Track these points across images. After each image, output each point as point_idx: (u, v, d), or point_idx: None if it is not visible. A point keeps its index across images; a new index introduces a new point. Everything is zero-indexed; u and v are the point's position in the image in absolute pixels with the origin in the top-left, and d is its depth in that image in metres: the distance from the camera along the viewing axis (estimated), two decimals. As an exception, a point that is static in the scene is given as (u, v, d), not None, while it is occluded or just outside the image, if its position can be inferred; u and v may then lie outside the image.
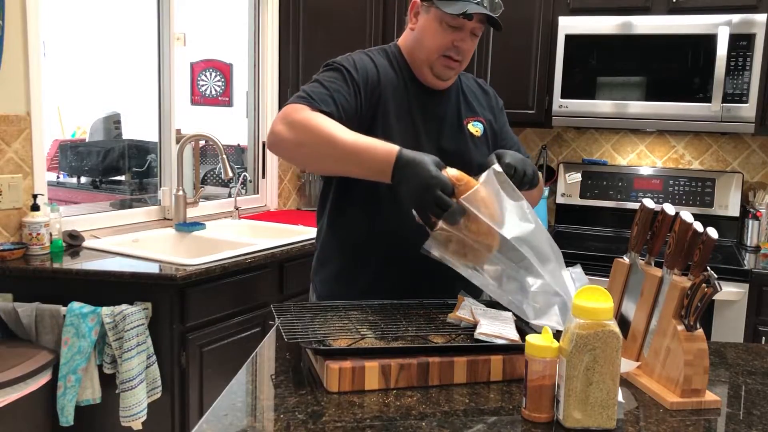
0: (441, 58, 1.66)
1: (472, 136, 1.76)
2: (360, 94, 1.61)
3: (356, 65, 1.64)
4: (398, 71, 1.72)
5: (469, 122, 1.78)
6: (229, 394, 1.28)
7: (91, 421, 2.36)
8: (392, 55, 1.74)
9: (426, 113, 1.73)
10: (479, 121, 1.79)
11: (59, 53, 5.70)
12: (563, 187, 3.48)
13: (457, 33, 1.63)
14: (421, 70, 1.71)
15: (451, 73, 1.71)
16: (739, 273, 2.70)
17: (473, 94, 1.84)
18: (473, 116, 1.79)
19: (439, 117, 1.75)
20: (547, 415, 1.18)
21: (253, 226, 3.35)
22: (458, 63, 1.68)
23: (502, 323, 1.41)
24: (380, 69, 1.68)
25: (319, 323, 1.47)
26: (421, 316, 1.54)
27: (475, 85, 1.87)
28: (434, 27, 1.64)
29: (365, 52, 1.73)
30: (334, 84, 1.58)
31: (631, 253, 1.50)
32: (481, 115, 1.80)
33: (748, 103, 2.86)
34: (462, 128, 1.76)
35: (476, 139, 1.77)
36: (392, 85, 1.69)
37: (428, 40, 1.66)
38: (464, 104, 1.79)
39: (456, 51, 1.65)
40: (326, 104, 1.53)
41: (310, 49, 3.63)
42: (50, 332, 2.29)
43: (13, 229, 2.56)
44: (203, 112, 6.15)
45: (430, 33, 1.65)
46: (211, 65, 6.18)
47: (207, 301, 2.48)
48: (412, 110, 1.71)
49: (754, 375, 1.47)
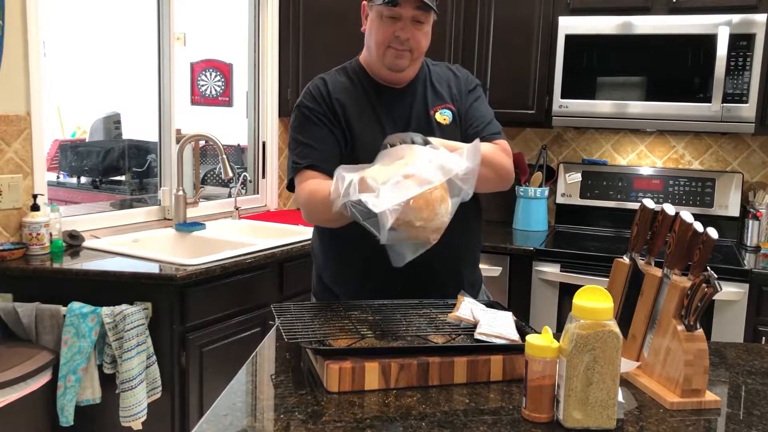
0: (388, 50, 1.72)
1: (439, 125, 1.78)
2: (324, 118, 1.74)
3: (312, 95, 1.77)
4: (356, 81, 1.81)
5: (437, 111, 1.79)
6: (229, 394, 1.28)
7: (91, 421, 2.36)
8: (350, 69, 1.84)
9: (390, 111, 1.78)
10: (447, 109, 1.80)
11: (59, 53, 5.69)
12: (563, 187, 3.48)
13: (396, 23, 1.69)
14: (379, 69, 1.78)
15: (403, 63, 1.73)
16: (739, 273, 2.70)
17: (442, 81, 1.84)
18: (441, 104, 1.80)
19: (404, 113, 1.78)
20: (547, 415, 1.18)
21: (253, 226, 3.35)
22: (408, 52, 1.71)
23: (501, 323, 1.41)
24: (331, 85, 1.78)
25: (319, 323, 1.47)
26: (421, 316, 1.54)
27: (447, 71, 1.88)
28: (376, 23, 1.72)
29: (321, 76, 1.84)
30: (303, 131, 1.75)
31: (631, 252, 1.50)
32: (449, 101, 1.82)
33: (748, 103, 2.86)
34: (429, 119, 1.78)
35: (444, 127, 1.78)
36: (348, 95, 1.78)
37: (373, 36, 1.74)
38: (432, 94, 1.81)
39: (399, 41, 1.70)
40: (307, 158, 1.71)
41: (310, 49, 3.63)
42: (50, 332, 2.29)
43: (13, 229, 2.56)
44: (203, 112, 6.15)
45: (374, 29, 1.73)
46: (211, 65, 6.18)
47: (207, 301, 2.48)
48: (376, 112, 1.77)
49: (754, 375, 1.47)
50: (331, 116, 1.74)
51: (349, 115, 1.75)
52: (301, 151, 1.74)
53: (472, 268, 1.92)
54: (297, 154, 1.75)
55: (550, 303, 2.94)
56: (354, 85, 1.80)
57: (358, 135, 1.74)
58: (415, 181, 1.33)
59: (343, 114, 1.75)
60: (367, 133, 1.74)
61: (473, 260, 1.93)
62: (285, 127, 3.88)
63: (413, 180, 1.34)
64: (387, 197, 1.31)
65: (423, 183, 1.33)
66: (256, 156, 3.82)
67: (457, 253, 1.81)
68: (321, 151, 1.72)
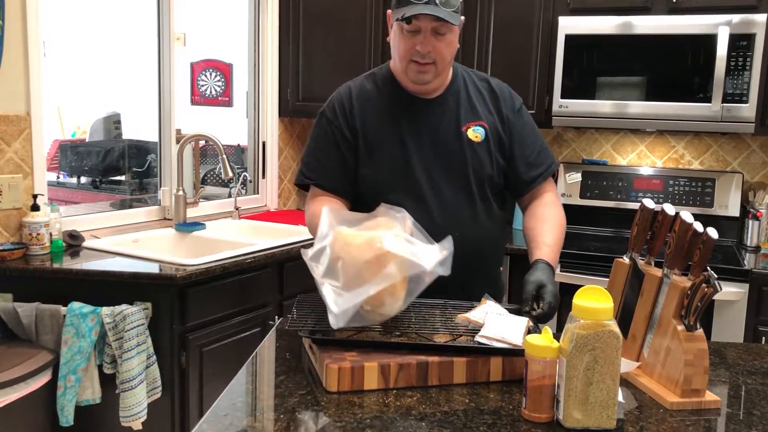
0: (411, 63, 1.69)
1: (470, 143, 1.75)
2: (339, 134, 1.77)
3: (335, 106, 1.79)
4: (383, 89, 1.79)
5: (470, 128, 1.76)
6: (229, 394, 1.28)
7: (91, 421, 2.36)
8: (379, 76, 1.83)
9: (416, 123, 1.75)
10: (481, 126, 1.77)
11: (59, 53, 5.69)
12: (563, 187, 3.48)
13: (416, 36, 1.66)
14: (404, 80, 1.76)
15: (425, 77, 1.71)
16: (739, 273, 2.70)
17: (480, 96, 1.81)
18: (475, 121, 1.77)
19: (431, 124, 1.76)
20: (547, 415, 1.18)
21: (253, 226, 3.35)
22: (430, 65, 1.69)
23: (509, 328, 1.40)
24: (356, 95, 1.79)
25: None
26: (437, 315, 1.53)
27: (486, 85, 1.84)
28: (398, 35, 1.70)
29: (348, 84, 1.84)
30: (318, 143, 1.81)
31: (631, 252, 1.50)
32: (484, 119, 1.78)
33: (748, 103, 2.86)
34: (460, 135, 1.75)
35: (475, 145, 1.76)
36: (373, 105, 1.77)
37: (397, 49, 1.72)
38: (466, 109, 1.78)
39: (420, 55, 1.66)
40: (315, 172, 1.79)
41: (310, 49, 3.63)
42: (50, 332, 2.29)
43: (13, 229, 2.56)
44: (203, 112, 6.15)
45: (396, 42, 1.71)
46: (211, 65, 6.17)
47: (207, 301, 2.48)
48: (398, 121, 1.75)
49: (754, 375, 1.47)
50: (348, 133, 1.76)
51: (369, 126, 1.75)
52: (311, 162, 1.81)
53: (496, 275, 1.93)
54: (307, 164, 1.81)
55: (550, 303, 2.94)
56: (380, 93, 1.79)
57: (376, 143, 1.75)
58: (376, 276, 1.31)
59: (361, 127, 1.75)
60: (386, 142, 1.74)
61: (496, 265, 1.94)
62: (285, 127, 3.89)
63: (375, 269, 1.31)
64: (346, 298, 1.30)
65: (383, 279, 1.30)
66: (256, 156, 3.82)
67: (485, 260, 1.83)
68: (330, 170, 1.77)
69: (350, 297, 1.29)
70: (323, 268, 1.35)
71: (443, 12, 1.61)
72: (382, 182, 1.75)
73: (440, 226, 1.64)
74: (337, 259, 1.34)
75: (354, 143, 1.76)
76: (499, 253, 1.95)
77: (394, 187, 1.73)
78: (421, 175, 1.74)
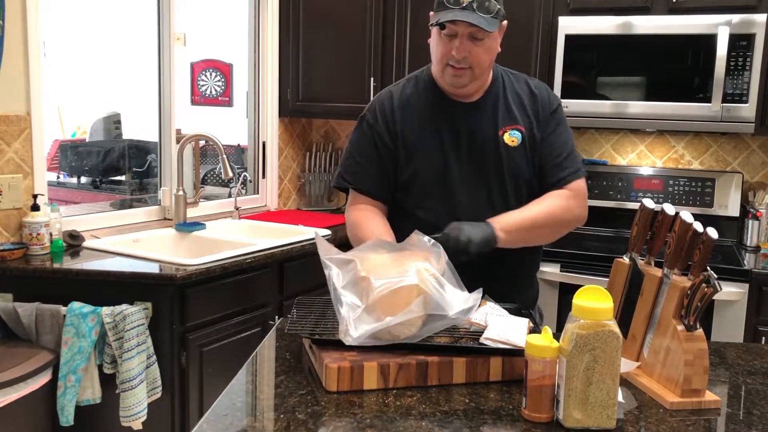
0: (447, 67, 1.70)
1: (506, 147, 1.75)
2: (380, 140, 1.79)
3: (376, 111, 1.81)
4: (423, 93, 1.80)
5: (506, 132, 1.76)
6: (229, 394, 1.28)
7: (91, 421, 2.36)
8: (420, 80, 1.84)
9: (454, 126, 1.76)
10: (517, 130, 1.76)
11: (59, 53, 5.69)
12: (563, 187, 3.48)
13: (453, 41, 1.66)
14: (442, 83, 1.77)
15: (462, 81, 1.71)
16: (739, 273, 2.70)
17: (518, 99, 1.80)
18: (512, 125, 1.77)
19: (470, 129, 1.76)
20: (547, 415, 1.18)
21: (253, 226, 3.35)
22: (466, 70, 1.68)
23: (512, 329, 1.40)
24: (397, 100, 1.81)
25: (332, 316, 1.48)
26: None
27: (525, 87, 1.83)
28: (435, 40, 1.71)
29: (390, 88, 1.86)
30: (359, 147, 1.83)
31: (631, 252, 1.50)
32: (521, 122, 1.77)
33: (748, 103, 2.86)
34: (497, 139, 1.75)
35: (511, 149, 1.75)
36: (413, 109, 1.79)
37: (434, 52, 1.73)
38: (503, 112, 1.78)
39: (455, 60, 1.66)
40: (355, 177, 1.82)
41: (310, 49, 3.63)
42: (50, 332, 2.29)
43: (14, 229, 2.56)
44: (203, 112, 6.15)
45: (434, 46, 1.72)
46: (211, 65, 6.17)
47: (207, 301, 2.48)
48: (438, 125, 1.76)
49: (754, 375, 1.47)
50: (388, 139, 1.78)
51: (409, 130, 1.77)
52: (351, 166, 1.83)
53: (530, 284, 1.93)
54: (347, 168, 1.84)
55: (550, 303, 2.94)
56: (420, 97, 1.80)
57: (416, 149, 1.76)
58: (399, 308, 1.31)
59: (402, 131, 1.77)
60: (426, 147, 1.76)
61: (531, 275, 1.94)
62: (285, 127, 3.89)
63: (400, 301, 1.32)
64: (365, 323, 1.31)
65: (405, 313, 1.31)
66: (256, 156, 3.82)
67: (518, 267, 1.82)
68: (370, 174, 1.80)
69: (369, 322, 1.30)
70: (346, 279, 1.35)
71: (478, 18, 1.60)
72: (420, 187, 1.77)
73: None
74: (364, 279, 1.35)
75: (394, 149, 1.78)
76: (535, 256, 1.94)
77: (432, 192, 1.76)
78: (457, 179, 1.75)
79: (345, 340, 1.31)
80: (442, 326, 1.36)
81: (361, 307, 1.32)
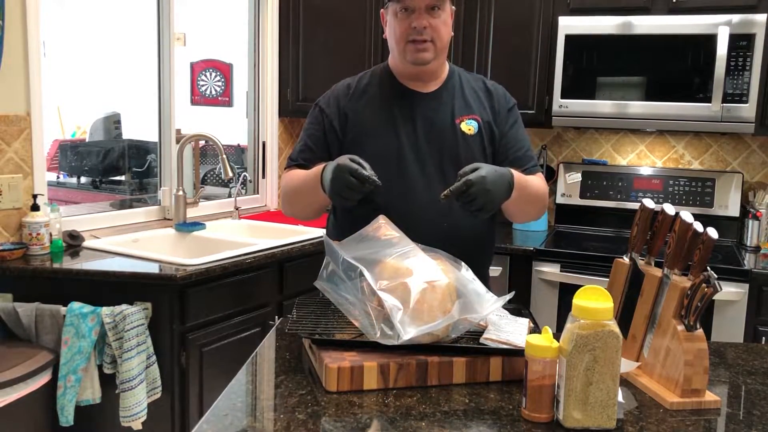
0: (408, 44, 1.74)
1: (463, 135, 1.80)
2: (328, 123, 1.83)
3: (330, 97, 1.87)
4: (380, 83, 1.86)
5: (463, 120, 1.81)
6: (229, 394, 1.28)
7: (91, 421, 2.36)
8: (378, 71, 1.90)
9: (410, 114, 1.80)
10: (473, 119, 1.82)
11: (59, 53, 5.70)
12: (563, 188, 3.48)
13: (411, 15, 1.72)
14: (403, 67, 1.81)
15: (426, 56, 1.75)
16: (739, 273, 2.70)
17: (474, 94, 1.86)
18: (468, 114, 1.82)
19: (426, 116, 1.80)
20: (547, 415, 1.18)
21: (253, 226, 3.35)
22: (428, 43, 1.74)
23: (513, 329, 1.40)
24: (354, 89, 1.86)
25: (332, 316, 1.48)
26: None
27: (481, 85, 1.89)
28: (393, 21, 1.77)
29: (348, 79, 1.91)
30: (309, 129, 1.88)
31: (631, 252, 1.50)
32: (477, 113, 1.83)
33: (748, 103, 2.86)
34: (454, 127, 1.80)
35: (468, 137, 1.80)
36: (367, 96, 1.84)
37: (392, 34, 1.78)
38: (461, 103, 1.83)
39: (416, 32, 1.72)
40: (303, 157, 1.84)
41: (310, 49, 3.63)
42: (50, 332, 2.29)
43: (13, 229, 2.56)
44: (203, 112, 6.14)
45: (392, 27, 1.77)
46: (211, 65, 6.17)
47: (207, 301, 2.48)
48: (393, 112, 1.81)
49: (754, 375, 1.47)
50: (336, 124, 1.82)
51: (363, 115, 1.81)
52: (299, 148, 1.88)
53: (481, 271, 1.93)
54: (296, 150, 1.89)
55: (550, 303, 2.94)
56: (376, 86, 1.85)
57: (369, 133, 1.79)
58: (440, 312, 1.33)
59: (354, 116, 1.81)
60: (379, 131, 1.79)
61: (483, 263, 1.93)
62: (285, 127, 3.89)
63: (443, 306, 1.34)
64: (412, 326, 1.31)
65: (446, 319, 1.33)
66: (256, 156, 3.82)
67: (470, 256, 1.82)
68: (315, 154, 1.82)
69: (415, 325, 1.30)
70: (384, 281, 1.34)
71: None
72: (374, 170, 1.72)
73: (428, 216, 1.71)
74: (403, 284, 1.34)
75: (342, 135, 1.81)
76: (488, 249, 1.94)
77: (385, 175, 1.72)
78: (412, 165, 1.77)
79: (386, 341, 1.30)
80: (470, 326, 1.38)
81: (401, 308, 1.32)
